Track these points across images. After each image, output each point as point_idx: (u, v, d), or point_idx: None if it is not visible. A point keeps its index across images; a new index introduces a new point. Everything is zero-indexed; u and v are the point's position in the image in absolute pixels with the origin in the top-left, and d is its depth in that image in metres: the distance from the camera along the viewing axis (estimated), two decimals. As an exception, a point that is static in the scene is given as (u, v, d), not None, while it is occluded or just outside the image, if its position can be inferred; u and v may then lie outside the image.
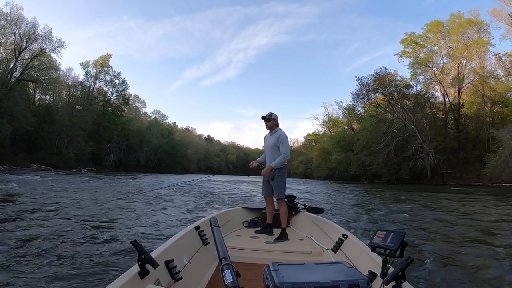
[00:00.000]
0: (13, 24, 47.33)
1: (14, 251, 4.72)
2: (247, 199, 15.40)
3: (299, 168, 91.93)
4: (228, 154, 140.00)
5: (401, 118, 48.45)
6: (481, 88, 44.69)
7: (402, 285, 1.80)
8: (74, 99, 63.55)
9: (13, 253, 4.62)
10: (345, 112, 66.35)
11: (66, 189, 15.95)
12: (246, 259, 3.73)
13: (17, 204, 9.40)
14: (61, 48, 52.67)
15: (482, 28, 47.04)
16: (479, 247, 5.84)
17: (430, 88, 51.53)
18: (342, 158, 61.46)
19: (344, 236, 3.59)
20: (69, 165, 53.20)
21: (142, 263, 2.08)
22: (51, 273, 3.87)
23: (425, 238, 6.70)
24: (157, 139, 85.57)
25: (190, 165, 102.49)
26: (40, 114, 55.17)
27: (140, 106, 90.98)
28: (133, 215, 8.65)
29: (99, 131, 65.26)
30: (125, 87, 72.58)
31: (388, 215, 10.56)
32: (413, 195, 20.17)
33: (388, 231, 1.98)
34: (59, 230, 6.21)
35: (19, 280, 3.63)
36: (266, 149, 5.14)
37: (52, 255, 4.64)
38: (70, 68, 64.42)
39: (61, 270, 3.99)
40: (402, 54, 54.06)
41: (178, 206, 11.23)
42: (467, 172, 42.07)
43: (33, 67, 51.44)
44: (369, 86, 52.34)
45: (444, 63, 51.21)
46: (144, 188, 19.83)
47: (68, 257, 4.57)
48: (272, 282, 1.74)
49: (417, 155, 44.49)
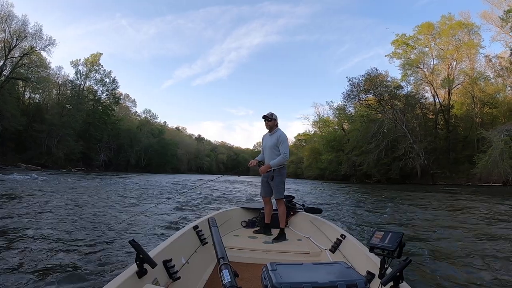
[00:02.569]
0: (3, 21, 46.90)
1: (8, 252, 4.67)
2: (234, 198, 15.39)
3: (290, 168, 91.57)
4: (219, 153, 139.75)
5: (391, 119, 48.72)
6: (471, 89, 45.24)
7: (400, 285, 1.81)
8: (64, 98, 63.10)
9: (7, 253, 4.57)
10: (336, 112, 66.72)
11: (58, 189, 15.78)
12: (244, 259, 3.73)
13: (8, 204, 9.29)
14: (51, 46, 52.44)
15: (472, 30, 47.64)
16: (476, 247, 5.91)
17: (421, 89, 52.21)
18: (332, 158, 61.64)
19: (342, 236, 3.60)
20: (59, 164, 52.86)
21: (140, 263, 2.06)
22: (48, 273, 3.84)
23: (422, 238, 6.74)
24: (147, 138, 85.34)
25: (181, 165, 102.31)
26: (29, 113, 54.70)
27: (130, 105, 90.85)
28: (130, 215, 8.59)
29: (89, 131, 64.81)
30: (116, 86, 72.20)
31: (381, 215, 10.60)
32: (404, 194, 20.30)
33: (386, 231, 1.99)
34: (54, 230, 6.16)
35: (15, 281, 3.60)
36: (265, 148, 5.13)
37: (48, 255, 4.59)
38: (60, 67, 64.00)
39: (58, 270, 3.96)
40: (393, 55, 54.45)
41: (176, 205, 11.18)
42: (457, 172, 42.45)
43: (23, 65, 50.94)
44: (360, 86, 52.41)
45: (435, 64, 51.82)
46: (147, 189, 19.76)
47: (65, 257, 4.54)
48: (270, 282, 1.74)
49: (407, 155, 44.81)
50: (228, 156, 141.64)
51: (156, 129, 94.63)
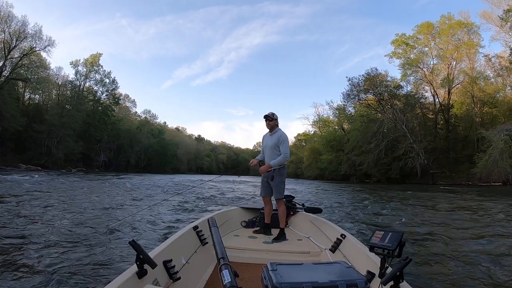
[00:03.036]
0: (3, 22, 46.89)
1: (8, 252, 4.67)
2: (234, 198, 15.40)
3: (290, 168, 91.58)
4: (219, 154, 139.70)
5: (391, 118, 48.66)
6: (471, 89, 45.20)
7: (400, 285, 1.81)
8: (64, 98, 63.04)
9: (8, 254, 4.58)
10: (335, 112, 66.57)
11: (58, 189, 15.77)
12: (245, 259, 3.73)
13: (8, 205, 9.28)
14: (51, 46, 52.32)
15: (472, 29, 47.58)
16: (476, 246, 5.91)
17: (420, 88, 52.07)
18: (332, 158, 61.52)
19: (342, 236, 3.60)
20: (58, 165, 52.77)
21: (140, 263, 2.06)
22: (48, 274, 3.84)
23: (422, 237, 6.74)
24: (147, 139, 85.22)
25: (181, 165, 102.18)
26: (29, 114, 54.69)
27: (130, 106, 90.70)
28: (129, 215, 8.56)
29: (89, 131, 64.81)
30: (115, 86, 72.19)
31: (381, 214, 10.59)
32: (404, 194, 20.26)
33: (386, 231, 2.00)
34: (53, 231, 6.16)
35: (15, 281, 3.60)
36: (265, 148, 5.12)
37: (48, 255, 4.59)
38: (60, 67, 63.89)
39: (58, 270, 3.95)
40: (393, 55, 54.28)
41: (175, 206, 11.17)
42: (456, 172, 42.38)
43: (23, 66, 50.88)
44: (359, 86, 52.27)
45: (434, 64, 51.72)
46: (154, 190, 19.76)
47: (64, 257, 4.53)
48: (270, 282, 1.75)
49: (407, 155, 44.76)
50: (228, 156, 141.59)
51: (156, 130, 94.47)
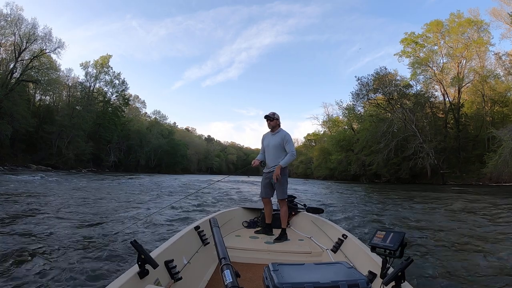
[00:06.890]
0: (13, 25, 47.29)
1: (12, 252, 4.70)
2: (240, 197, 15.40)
3: (299, 168, 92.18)
4: (229, 154, 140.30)
5: (401, 118, 48.35)
6: (481, 87, 44.75)
7: (401, 285, 1.80)
8: (74, 99, 63.45)
9: (11, 253, 4.61)
10: (345, 112, 66.32)
11: (67, 189, 15.93)
12: (246, 259, 3.73)
13: (17, 205, 9.39)
14: (61, 48, 52.72)
15: (482, 27, 46.99)
16: (480, 248, 5.83)
17: (430, 87, 51.51)
18: (342, 158, 61.48)
19: (344, 236, 3.58)
20: (69, 165, 53.27)
21: (141, 263, 2.07)
22: (50, 273, 3.86)
23: (425, 238, 6.69)
24: (157, 139, 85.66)
25: (191, 165, 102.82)
26: (40, 115, 55.43)
27: (140, 107, 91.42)
28: (133, 215, 8.63)
29: (99, 132, 65.29)
30: (125, 87, 72.63)
31: (388, 215, 10.56)
32: (413, 194, 20.13)
33: (388, 231, 1.98)
34: (59, 231, 6.20)
35: (17, 280, 3.63)
36: (268, 148, 5.11)
37: (52, 255, 4.63)
38: (70, 69, 64.91)
39: (61, 270, 3.97)
40: (402, 54, 53.94)
41: (181, 206, 11.20)
42: (467, 172, 42.04)
43: (33, 67, 51.25)
44: (369, 86, 52.16)
45: (444, 62, 51.22)
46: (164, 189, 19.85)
47: (68, 257, 4.56)
48: (272, 282, 1.74)
49: (417, 154, 44.48)
50: (238, 157, 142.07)
51: (166, 130, 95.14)
